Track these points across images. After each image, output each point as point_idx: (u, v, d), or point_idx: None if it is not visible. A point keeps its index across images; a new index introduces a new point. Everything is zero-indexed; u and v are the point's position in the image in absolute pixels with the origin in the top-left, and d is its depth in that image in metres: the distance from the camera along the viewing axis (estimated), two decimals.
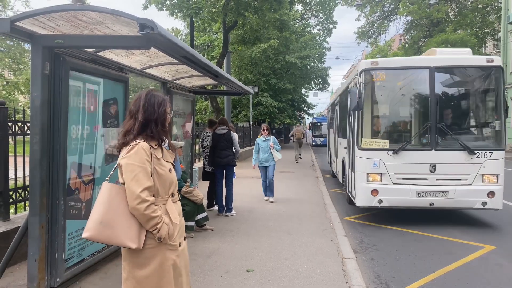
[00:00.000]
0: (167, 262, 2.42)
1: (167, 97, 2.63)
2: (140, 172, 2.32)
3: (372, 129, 7.38)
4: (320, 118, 41.46)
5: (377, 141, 7.08)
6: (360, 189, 7.23)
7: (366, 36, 29.74)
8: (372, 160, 7.03)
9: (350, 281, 4.54)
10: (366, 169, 7.09)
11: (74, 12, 3.55)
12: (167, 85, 7.06)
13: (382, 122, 7.65)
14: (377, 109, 7.54)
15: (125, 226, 2.33)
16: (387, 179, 7.02)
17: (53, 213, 3.93)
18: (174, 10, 17.54)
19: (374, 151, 7.03)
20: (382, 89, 7.43)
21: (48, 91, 3.82)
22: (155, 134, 2.47)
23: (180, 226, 2.55)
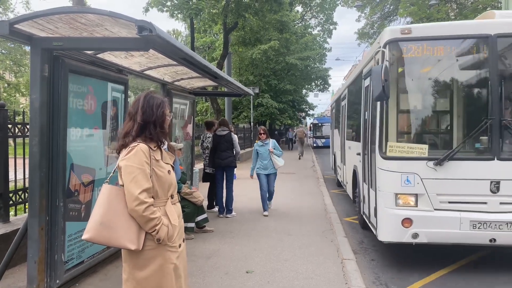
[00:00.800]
0: (167, 264, 2.43)
1: (166, 99, 2.63)
2: (139, 174, 2.33)
3: (402, 128, 5.32)
4: (321, 119, 41.33)
5: (410, 146, 4.95)
6: (384, 217, 5.05)
7: (367, 37, 29.68)
8: (403, 174, 4.87)
9: (349, 282, 4.54)
10: (394, 188, 4.92)
11: (73, 14, 3.56)
12: (167, 87, 7.07)
13: (417, 119, 5.41)
14: (409, 100, 5.37)
15: (124, 227, 2.34)
16: (425, 203, 4.85)
17: (53, 215, 3.93)
18: (174, 11, 17.57)
19: (407, 162, 4.87)
20: (417, 70, 5.25)
21: (47, 93, 3.83)
22: (153, 136, 2.48)
23: (179, 228, 2.57)
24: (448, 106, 5.46)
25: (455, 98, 5.37)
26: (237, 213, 7.95)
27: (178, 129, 7.78)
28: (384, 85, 4.59)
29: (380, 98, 4.81)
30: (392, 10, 29.94)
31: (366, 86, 6.17)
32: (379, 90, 4.63)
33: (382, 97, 4.73)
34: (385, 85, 4.60)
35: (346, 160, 9.49)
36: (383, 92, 4.62)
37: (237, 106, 30.53)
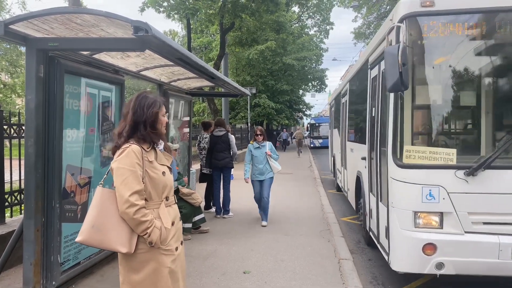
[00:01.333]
0: (161, 268, 2.39)
1: (161, 99, 2.58)
2: (129, 176, 2.29)
3: (422, 128, 4.26)
4: (318, 119, 41.34)
5: (433, 150, 3.96)
6: (400, 241, 4.11)
7: (363, 37, 29.75)
8: (424, 187, 3.91)
9: (347, 281, 4.54)
10: (413, 204, 3.97)
11: (68, 14, 3.55)
12: (163, 87, 7.05)
13: (441, 116, 4.34)
14: (432, 92, 4.26)
15: (116, 230, 2.31)
16: (453, 223, 3.89)
17: (49, 216, 3.92)
18: (171, 11, 17.55)
19: (429, 171, 3.92)
20: (441, 53, 4.16)
21: (43, 94, 3.82)
22: (145, 136, 2.43)
23: (176, 230, 2.53)
24: (483, 100, 4.27)
25: (492, 90, 4.27)
26: (234, 213, 7.94)
27: (174, 130, 7.77)
28: (401, 71, 3.56)
29: (396, 88, 3.70)
30: (388, 11, 29.99)
31: (373, 77, 5.33)
32: (394, 78, 3.61)
33: (398, 87, 3.65)
34: (403, 71, 3.57)
35: (348, 164, 8.41)
36: (399, 81, 3.58)
37: (234, 107, 30.53)
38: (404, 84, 3.63)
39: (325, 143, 32.76)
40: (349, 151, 8.15)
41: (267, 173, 7.22)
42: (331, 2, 31.84)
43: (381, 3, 26.68)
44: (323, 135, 34.97)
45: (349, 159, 8.30)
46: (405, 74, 3.61)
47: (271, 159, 7.19)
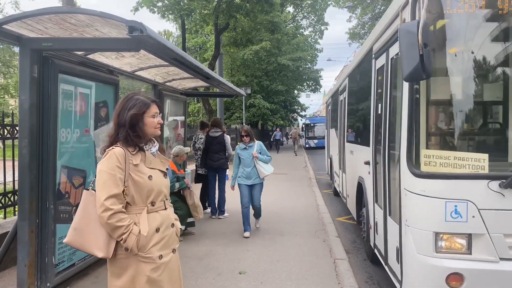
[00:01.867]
0: (139, 276, 2.30)
1: (150, 100, 2.47)
2: (108, 179, 2.25)
3: (444, 128, 3.54)
4: (313, 119, 41.33)
5: (460, 156, 3.19)
6: (417, 269, 3.36)
7: (358, 37, 29.85)
8: (448, 202, 3.17)
9: (342, 281, 4.55)
10: (434, 223, 3.23)
11: (62, 14, 3.53)
12: (158, 87, 7.03)
13: (469, 113, 3.54)
14: (458, 83, 3.48)
15: (94, 234, 2.28)
16: (485, 248, 3.17)
17: (43, 218, 3.89)
18: (165, 12, 17.51)
19: (454, 182, 3.18)
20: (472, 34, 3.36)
21: (37, 94, 3.80)
22: (127, 139, 2.35)
23: (163, 238, 2.41)
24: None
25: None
26: (229, 214, 7.94)
27: (169, 130, 7.75)
28: (422, 53, 2.84)
29: (415, 76, 2.95)
30: (383, 11, 30.13)
31: (379, 68, 4.66)
32: (413, 63, 2.87)
33: (418, 74, 2.91)
34: (425, 53, 2.84)
35: (347, 168, 7.66)
36: (420, 66, 2.86)
37: (229, 107, 30.53)
38: (426, 71, 2.87)
39: (320, 143, 32.80)
40: (349, 153, 7.46)
41: (256, 178, 6.51)
42: (325, 2, 31.91)
43: (375, 4, 26.78)
44: (318, 135, 34.96)
45: (348, 162, 7.52)
46: (427, 58, 2.85)
47: (257, 161, 6.46)
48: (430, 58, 2.91)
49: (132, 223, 2.30)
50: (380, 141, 4.44)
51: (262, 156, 6.54)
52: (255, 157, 6.45)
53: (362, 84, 6.17)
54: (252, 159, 6.47)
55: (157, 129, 2.47)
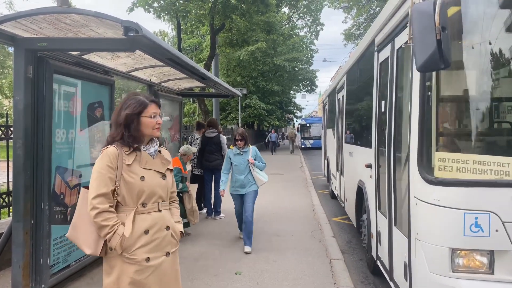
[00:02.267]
0: (123, 276, 2.32)
1: (148, 100, 2.45)
2: (98, 178, 2.29)
3: (462, 127, 3.07)
4: (309, 119, 41.37)
5: (480, 159, 2.79)
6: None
7: (353, 38, 29.95)
8: (468, 213, 2.76)
9: (338, 281, 4.56)
10: (451, 238, 2.83)
11: (57, 14, 3.52)
12: (153, 88, 7.02)
13: (491, 110, 3.01)
14: (479, 75, 2.99)
15: (85, 231, 2.35)
16: (510, 267, 2.76)
17: (38, 219, 3.87)
18: (161, 12, 17.47)
19: (474, 190, 2.78)
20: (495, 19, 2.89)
21: (32, 95, 3.78)
22: (124, 139, 2.36)
23: (152, 240, 2.38)
24: None
25: None
26: (225, 214, 7.93)
27: (164, 131, 7.73)
28: (440, 38, 2.44)
29: (431, 64, 2.53)
30: (378, 12, 30.24)
31: (382, 61, 4.28)
32: (429, 50, 2.48)
33: (434, 62, 2.50)
34: (443, 38, 2.45)
35: (346, 170, 7.24)
36: (437, 53, 2.46)
37: (225, 108, 30.49)
38: (444, 59, 2.47)
39: (316, 143, 32.87)
40: (347, 155, 7.00)
41: (250, 186, 5.84)
42: (321, 3, 31.98)
43: (370, 5, 26.87)
44: (314, 135, 35.02)
45: (347, 164, 7.08)
46: (445, 43, 2.46)
47: (254, 168, 5.85)
48: (449, 43, 2.51)
49: (118, 223, 2.31)
50: (384, 142, 4.07)
51: (258, 163, 5.91)
52: (251, 164, 5.82)
53: (362, 80, 5.77)
54: (247, 165, 5.83)
55: (155, 130, 2.44)
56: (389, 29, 3.95)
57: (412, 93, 3.11)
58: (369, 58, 5.11)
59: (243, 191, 5.85)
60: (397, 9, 3.62)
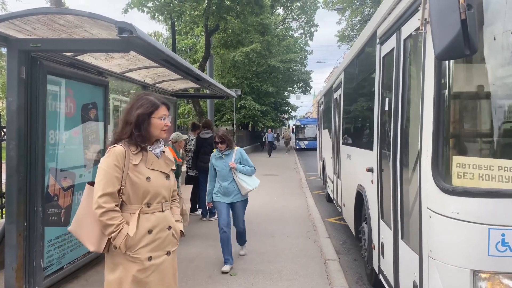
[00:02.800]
0: (127, 274, 2.35)
1: (161, 101, 2.47)
2: (104, 177, 2.31)
3: (485, 128, 2.64)
4: (304, 120, 41.41)
5: (506, 164, 2.34)
6: None
7: (347, 39, 30.09)
8: (493, 229, 2.32)
9: (333, 282, 4.57)
10: (473, 258, 2.38)
11: (51, 15, 3.50)
12: (148, 89, 7.00)
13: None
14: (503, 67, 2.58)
15: (89, 228, 2.38)
16: None
17: (31, 220, 3.84)
18: (155, 13, 17.44)
19: (500, 201, 2.33)
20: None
21: (25, 96, 3.75)
22: (132, 138, 2.38)
23: (155, 239, 2.41)
24: None
25: None
26: None
27: None
28: (466, 17, 2.07)
29: (454, 51, 2.13)
30: (372, 13, 30.39)
31: (386, 55, 3.90)
32: (451, 34, 2.10)
33: (458, 48, 2.11)
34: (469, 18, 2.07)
35: (343, 173, 6.80)
36: (461, 36, 2.08)
37: (220, 109, 30.48)
38: (470, 43, 2.08)
39: (311, 144, 32.92)
40: (345, 157, 6.57)
41: (236, 194, 5.11)
42: (315, 4, 32.10)
43: (364, 6, 27.00)
44: (308, 136, 35.10)
45: (345, 167, 6.66)
46: (472, 24, 2.08)
47: (237, 174, 5.06)
48: (476, 24, 2.11)
49: (123, 222, 2.33)
50: (389, 144, 3.64)
51: (243, 167, 5.11)
52: (233, 169, 5.05)
53: (362, 77, 5.34)
54: (229, 170, 5.06)
55: (163, 132, 2.48)
56: (394, 17, 3.48)
57: (424, 87, 2.69)
58: (369, 52, 4.77)
59: (228, 199, 5.11)
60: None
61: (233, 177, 5.07)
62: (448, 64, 2.53)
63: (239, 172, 5.08)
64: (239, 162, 5.14)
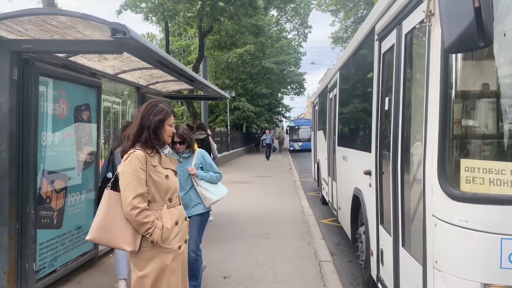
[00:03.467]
0: (163, 265, 2.59)
1: (171, 110, 2.76)
2: (133, 180, 2.48)
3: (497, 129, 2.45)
4: (298, 122, 41.49)
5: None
6: None
7: (341, 41, 30.22)
8: (506, 239, 2.14)
9: (327, 283, 4.57)
10: (483, 271, 2.21)
11: (43, 16, 3.48)
12: (141, 90, 6.96)
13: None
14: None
15: (121, 230, 2.52)
16: None
17: (23, 223, 3.80)
18: (149, 14, 17.39)
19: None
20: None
21: (17, 97, 3.72)
22: (148, 141, 2.60)
23: (180, 230, 2.70)
24: None
25: None
26: (214, 217, 7.89)
27: None
28: (480, 5, 1.87)
29: (467, 42, 1.94)
30: (365, 15, 30.54)
31: (386, 52, 3.72)
32: (463, 23, 1.91)
33: (471, 39, 1.91)
34: (483, 5, 1.88)
35: (339, 176, 6.55)
36: (475, 27, 1.88)
37: (214, 110, 30.44)
38: (485, 33, 1.88)
39: (305, 146, 33.02)
40: (341, 159, 6.33)
41: (193, 207, 4.09)
42: (309, 6, 32.20)
43: (358, 8, 27.12)
44: (302, 138, 35.19)
45: (340, 170, 6.41)
46: (486, 12, 1.88)
47: (198, 181, 4.09)
48: (492, 13, 1.90)
49: (155, 218, 2.55)
50: (389, 145, 3.47)
51: (206, 173, 4.18)
52: (192, 175, 4.07)
53: (359, 75, 5.09)
54: (188, 177, 4.07)
55: (170, 137, 2.75)
56: (394, 12, 3.27)
57: (429, 85, 2.50)
58: (367, 49, 4.57)
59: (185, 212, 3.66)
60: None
61: (192, 186, 4.10)
62: (455, 59, 2.34)
63: (200, 180, 4.13)
64: (200, 168, 4.18)
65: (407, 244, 3.05)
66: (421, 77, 2.76)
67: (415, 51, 3.02)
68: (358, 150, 4.96)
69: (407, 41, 3.09)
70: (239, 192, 11.27)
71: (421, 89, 2.69)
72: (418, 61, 2.95)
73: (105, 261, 5.32)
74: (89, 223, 4.80)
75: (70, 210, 4.52)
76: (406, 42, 3.11)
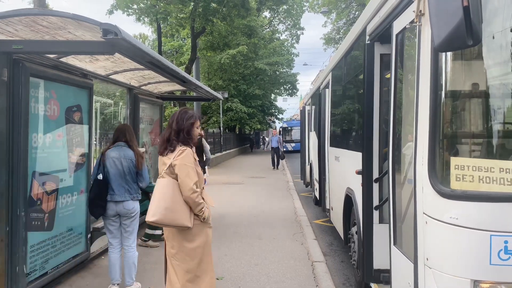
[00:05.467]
0: (207, 238, 3.32)
1: (197, 115, 3.42)
2: (191, 170, 3.15)
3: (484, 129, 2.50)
4: (291, 123, 41.54)
5: (507, 167, 2.17)
6: None
7: (333, 42, 30.34)
8: (495, 236, 2.17)
9: (320, 284, 4.58)
10: (474, 268, 2.23)
11: (33, 16, 3.44)
12: (133, 91, 6.93)
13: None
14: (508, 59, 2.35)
15: (183, 211, 3.12)
16: None
17: (13, 225, 3.76)
18: (141, 15, 17.33)
19: (503, 206, 2.19)
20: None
21: (7, 98, 3.68)
22: (184, 140, 3.23)
23: (211, 211, 3.40)
24: None
25: None
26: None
27: (145, 134, 7.65)
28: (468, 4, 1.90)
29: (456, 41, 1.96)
30: (357, 16, 30.67)
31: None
32: (452, 22, 1.93)
33: (460, 38, 1.94)
34: (472, 4, 1.90)
35: (331, 176, 6.64)
36: (464, 26, 1.90)
37: (206, 111, 30.40)
38: (473, 32, 1.90)
39: (297, 146, 33.03)
40: (333, 159, 6.37)
41: None
42: (301, 7, 32.30)
43: (350, 9, 27.26)
44: (295, 138, 35.22)
45: (333, 170, 6.45)
46: (475, 11, 1.90)
47: None
48: (480, 11, 1.94)
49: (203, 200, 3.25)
50: (381, 145, 3.65)
51: None
52: None
53: (351, 76, 5.13)
54: None
55: (196, 138, 3.37)
56: (385, 13, 3.33)
57: (419, 84, 2.54)
58: (359, 50, 4.62)
59: None
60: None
61: None
62: (445, 59, 2.37)
63: None
64: None
65: (398, 243, 3.10)
66: (411, 77, 2.80)
67: (406, 51, 3.07)
68: (350, 150, 5.01)
69: (398, 41, 3.13)
70: (232, 193, 11.27)
71: (412, 89, 2.73)
72: (408, 61, 2.99)
73: (97, 263, 5.29)
74: (81, 224, 4.82)
75: (62, 212, 4.48)
76: (397, 42, 3.15)
